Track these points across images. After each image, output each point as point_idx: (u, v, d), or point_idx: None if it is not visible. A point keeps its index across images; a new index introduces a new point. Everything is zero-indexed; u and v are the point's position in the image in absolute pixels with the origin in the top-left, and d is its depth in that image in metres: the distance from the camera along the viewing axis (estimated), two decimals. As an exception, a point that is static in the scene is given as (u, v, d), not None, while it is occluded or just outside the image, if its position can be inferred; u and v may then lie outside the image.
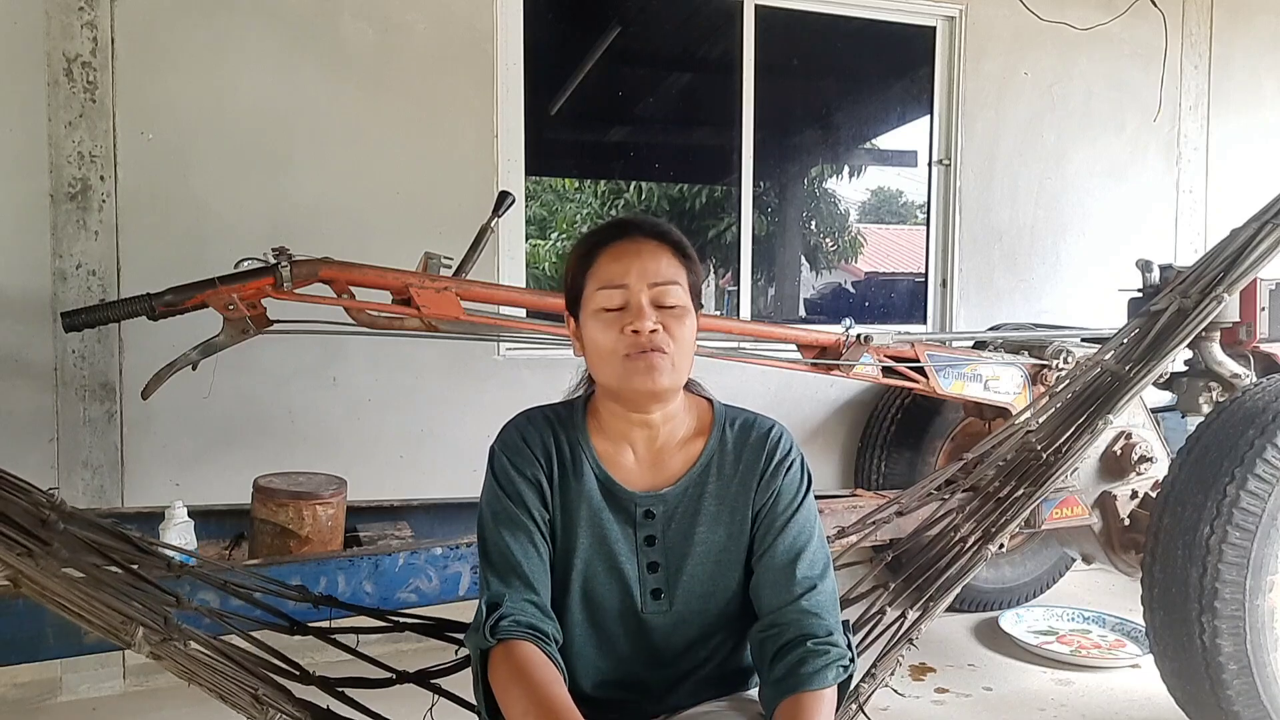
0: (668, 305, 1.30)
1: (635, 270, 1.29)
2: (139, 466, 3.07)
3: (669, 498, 1.36)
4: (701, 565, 1.35)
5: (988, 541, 1.85)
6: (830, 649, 1.27)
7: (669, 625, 1.35)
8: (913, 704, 2.91)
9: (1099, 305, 4.01)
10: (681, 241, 1.36)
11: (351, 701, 1.63)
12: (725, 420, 1.40)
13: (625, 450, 1.38)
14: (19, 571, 1.16)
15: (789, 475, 1.36)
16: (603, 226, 1.38)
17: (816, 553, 1.34)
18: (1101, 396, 2.06)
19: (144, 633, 1.22)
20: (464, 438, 3.34)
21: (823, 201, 5.02)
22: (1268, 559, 2.31)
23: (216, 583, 1.74)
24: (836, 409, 3.99)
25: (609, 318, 1.30)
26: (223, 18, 3.11)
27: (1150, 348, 2.07)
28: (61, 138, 2.91)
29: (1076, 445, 1.94)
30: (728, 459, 1.37)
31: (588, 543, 1.34)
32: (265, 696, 1.32)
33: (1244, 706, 2.31)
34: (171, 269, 2.59)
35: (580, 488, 1.35)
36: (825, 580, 1.33)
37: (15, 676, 2.89)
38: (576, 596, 1.35)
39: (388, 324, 2.38)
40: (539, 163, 3.86)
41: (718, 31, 3.96)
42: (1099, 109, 4.38)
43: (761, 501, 1.35)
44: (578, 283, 1.35)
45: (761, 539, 1.35)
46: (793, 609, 1.29)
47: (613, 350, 1.29)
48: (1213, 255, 2.15)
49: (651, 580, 1.35)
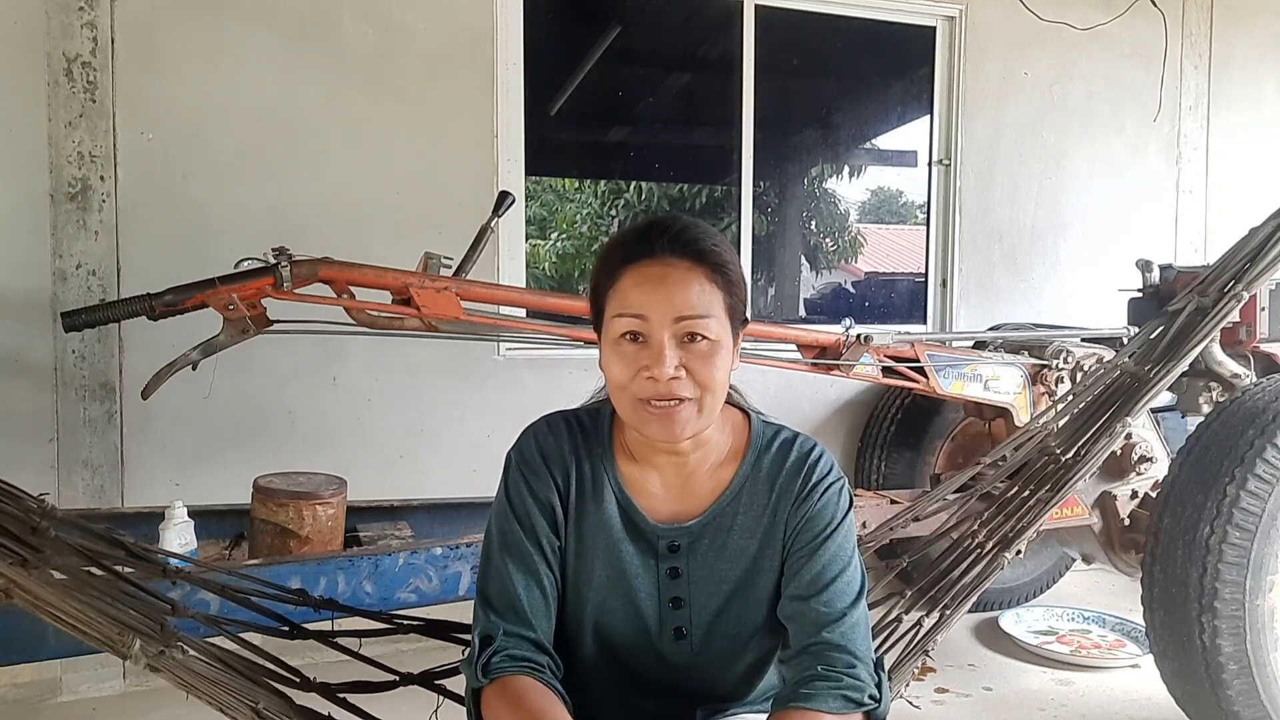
0: (696, 343, 1.15)
1: (659, 301, 1.13)
2: (139, 466, 3.07)
3: (694, 529, 1.25)
4: (728, 601, 1.25)
5: (1005, 548, 1.83)
6: (843, 678, 1.16)
7: (692, 664, 1.27)
8: (913, 704, 2.91)
9: (1099, 305, 4.01)
10: (721, 258, 1.18)
11: (353, 708, 1.59)
12: (762, 441, 1.28)
13: (651, 475, 1.27)
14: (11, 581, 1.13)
15: (824, 499, 1.24)
16: (631, 236, 1.20)
17: (850, 584, 1.22)
18: (1121, 398, 2.05)
19: (140, 644, 1.19)
20: (464, 438, 3.34)
21: (823, 201, 5.02)
22: (1268, 559, 2.31)
23: (214, 587, 1.72)
24: (836, 409, 3.99)
25: (628, 352, 1.16)
26: (223, 18, 3.11)
27: (1169, 348, 2.06)
28: (61, 138, 2.91)
29: (1096, 448, 1.93)
30: (761, 485, 1.26)
31: (604, 575, 1.25)
32: (266, 710, 1.29)
33: (1244, 706, 2.31)
34: (171, 269, 2.59)
35: (600, 515, 1.25)
36: (855, 611, 1.21)
37: (15, 676, 2.89)
38: (589, 630, 1.26)
39: (388, 324, 2.37)
40: (539, 163, 3.86)
41: (718, 31, 3.96)
42: (1099, 109, 4.38)
43: (794, 526, 1.24)
44: (600, 301, 1.20)
45: (791, 565, 1.24)
46: (814, 640, 1.19)
47: (628, 390, 1.16)
48: (1232, 254, 2.14)
49: (674, 618, 1.26)
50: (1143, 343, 2.19)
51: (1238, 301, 1.99)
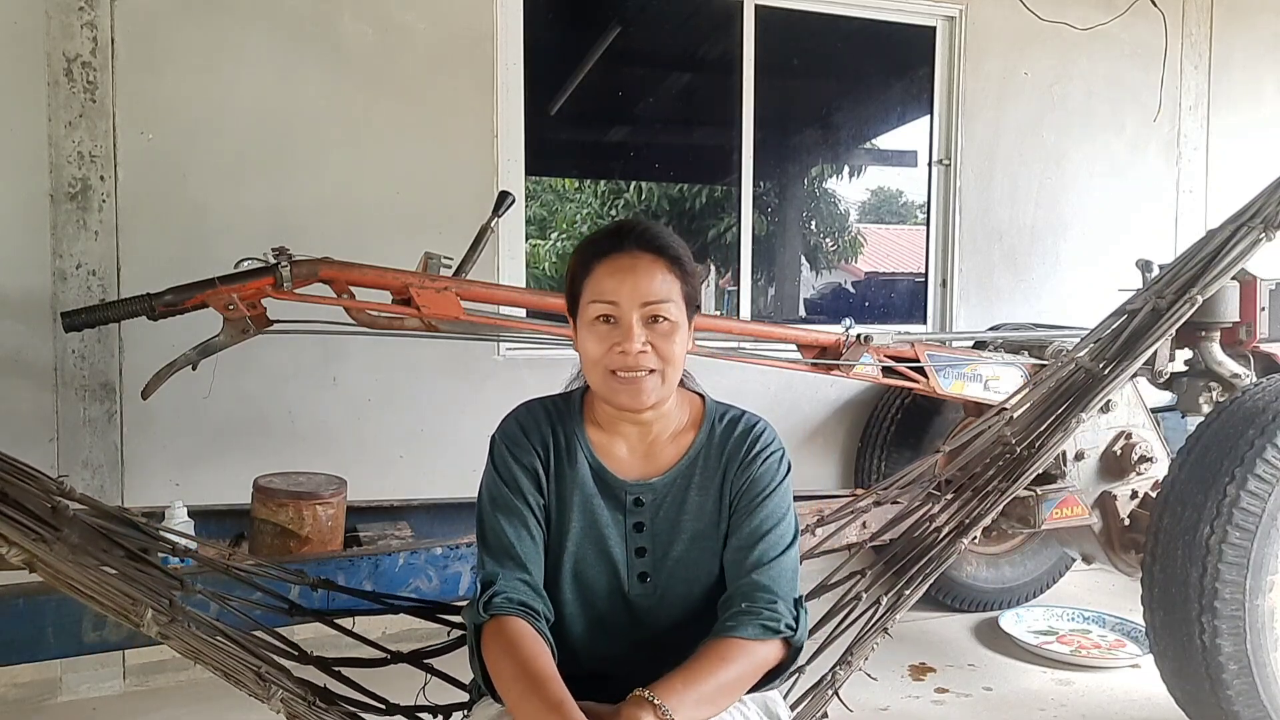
0: (658, 323, 1.35)
1: (628, 288, 1.34)
2: (139, 466, 3.07)
3: (658, 487, 1.43)
4: (685, 550, 1.42)
5: (962, 534, 1.87)
6: (763, 611, 1.32)
7: (655, 606, 1.42)
8: (913, 704, 2.91)
9: (1099, 305, 3.97)
10: (678, 254, 1.39)
11: (348, 681, 1.69)
12: (715, 415, 1.48)
13: (618, 442, 1.45)
14: (33, 555, 1.21)
15: (766, 464, 1.43)
16: (603, 235, 1.41)
17: (783, 537, 1.40)
18: (1076, 393, 2.06)
19: (152, 613, 1.27)
20: (464, 438, 3.34)
21: (823, 201, 5.02)
22: (1268, 559, 2.31)
23: (220, 568, 1.77)
24: (836, 409, 3.99)
25: (601, 331, 1.36)
26: (223, 18, 3.11)
27: (1124, 347, 2.07)
28: (61, 138, 2.92)
29: (1050, 441, 1.95)
30: (714, 450, 1.45)
31: (580, 526, 1.41)
32: (268, 674, 1.38)
33: (1244, 706, 2.31)
34: (171, 269, 2.59)
35: (575, 475, 1.42)
36: (784, 559, 1.38)
37: (15, 676, 2.89)
38: (568, 577, 1.42)
39: (388, 324, 2.38)
40: (539, 163, 3.86)
41: (718, 31, 3.96)
42: (1099, 109, 4.38)
43: (740, 487, 1.42)
44: (576, 289, 1.40)
45: (735, 520, 1.42)
46: (745, 582, 1.36)
47: (600, 363, 1.36)
48: (1188, 256, 2.15)
49: (639, 564, 1.42)
50: (1098, 338, 2.20)
51: (1192, 305, 2.00)
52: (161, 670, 3.05)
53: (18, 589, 1.76)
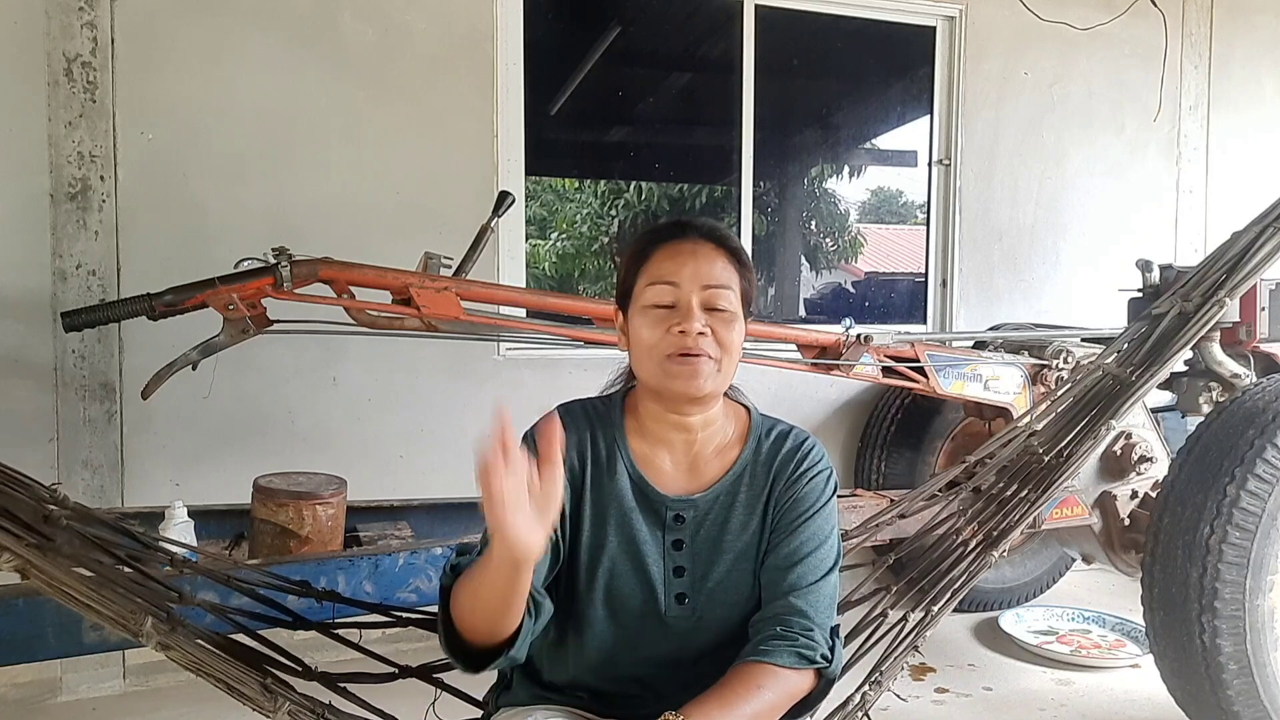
0: (718, 309, 1.30)
1: (689, 270, 1.29)
2: (139, 466, 3.07)
3: (700, 503, 1.36)
4: (727, 572, 1.35)
5: (991, 546, 1.83)
6: (799, 638, 1.26)
7: (691, 630, 1.35)
8: (913, 704, 2.91)
9: (1099, 305, 4.01)
10: (738, 248, 1.36)
11: (354, 697, 1.62)
12: (762, 429, 1.41)
13: (662, 453, 1.38)
14: (27, 561, 1.18)
15: (811, 483, 1.36)
16: (661, 225, 1.37)
17: (824, 561, 1.33)
18: (1103, 400, 2.05)
19: (152, 622, 1.23)
20: (464, 438, 3.33)
21: (823, 201, 5.02)
22: (1268, 559, 2.31)
23: (219, 579, 1.74)
24: (836, 409, 3.99)
25: (658, 315, 1.30)
26: (223, 18, 3.11)
27: (1152, 351, 2.06)
28: (61, 138, 2.91)
29: (1079, 450, 1.93)
30: (761, 467, 1.38)
31: (616, 541, 1.34)
32: (274, 686, 1.34)
33: (1244, 706, 2.31)
34: (171, 269, 2.59)
35: (614, 486, 1.35)
36: (824, 584, 1.32)
37: (15, 676, 2.89)
38: (600, 593, 1.34)
39: (388, 324, 2.38)
40: (539, 163, 3.86)
41: (718, 31, 3.96)
42: (1099, 109, 4.38)
43: (783, 505, 1.35)
44: (630, 277, 1.35)
45: (775, 539, 1.34)
46: (781, 604, 1.30)
47: (658, 348, 1.29)
48: (1214, 258, 2.14)
49: (676, 584, 1.34)
50: (1125, 344, 2.19)
51: (1220, 308, 1.99)
52: (162, 670, 3.05)
53: (18, 589, 1.74)
